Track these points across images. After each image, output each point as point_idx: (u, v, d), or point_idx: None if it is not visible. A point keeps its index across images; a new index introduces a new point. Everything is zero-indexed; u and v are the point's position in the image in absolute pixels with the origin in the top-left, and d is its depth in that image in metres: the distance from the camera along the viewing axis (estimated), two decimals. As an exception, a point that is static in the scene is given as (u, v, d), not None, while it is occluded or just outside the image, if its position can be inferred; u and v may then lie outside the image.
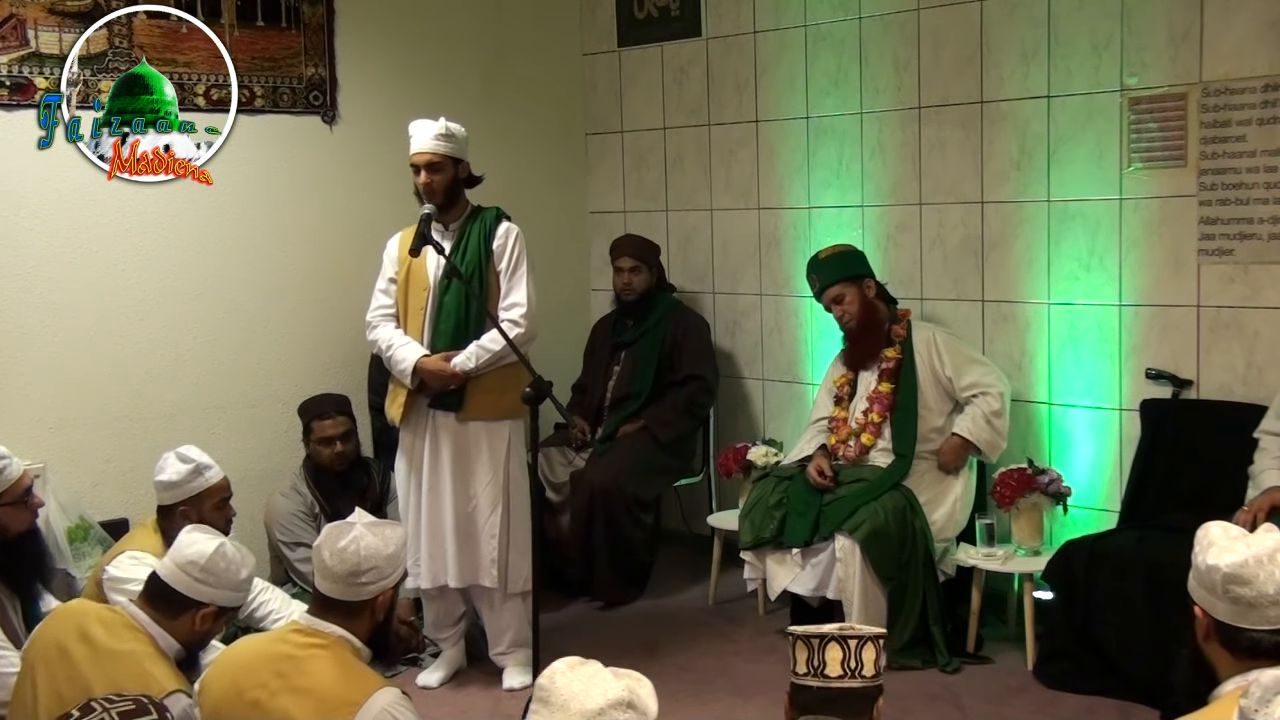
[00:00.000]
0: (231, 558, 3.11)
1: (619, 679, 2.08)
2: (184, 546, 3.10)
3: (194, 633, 3.09)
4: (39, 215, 5.04)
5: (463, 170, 4.57)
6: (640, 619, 5.39)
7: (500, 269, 4.56)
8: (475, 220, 4.60)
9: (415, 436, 4.61)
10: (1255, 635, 2.31)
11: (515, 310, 4.53)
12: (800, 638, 2.36)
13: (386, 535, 2.93)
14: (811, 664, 2.32)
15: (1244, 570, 2.31)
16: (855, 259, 5.06)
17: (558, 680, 2.06)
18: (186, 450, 4.05)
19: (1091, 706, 4.32)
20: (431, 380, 4.50)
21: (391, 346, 4.56)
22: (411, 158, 4.54)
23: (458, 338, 4.51)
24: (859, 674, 2.31)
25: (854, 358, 5.09)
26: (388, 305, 4.64)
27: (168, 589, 3.07)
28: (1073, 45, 4.88)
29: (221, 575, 3.08)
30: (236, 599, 3.18)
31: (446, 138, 4.51)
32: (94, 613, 3.10)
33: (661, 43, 6.29)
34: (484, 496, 4.56)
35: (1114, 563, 4.33)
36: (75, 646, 2.97)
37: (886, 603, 4.66)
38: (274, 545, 5.03)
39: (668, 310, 5.92)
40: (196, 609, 3.07)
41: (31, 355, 5.03)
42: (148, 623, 3.04)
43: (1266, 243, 4.48)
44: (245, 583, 3.18)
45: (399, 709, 2.73)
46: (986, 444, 4.86)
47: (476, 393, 4.50)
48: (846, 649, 2.31)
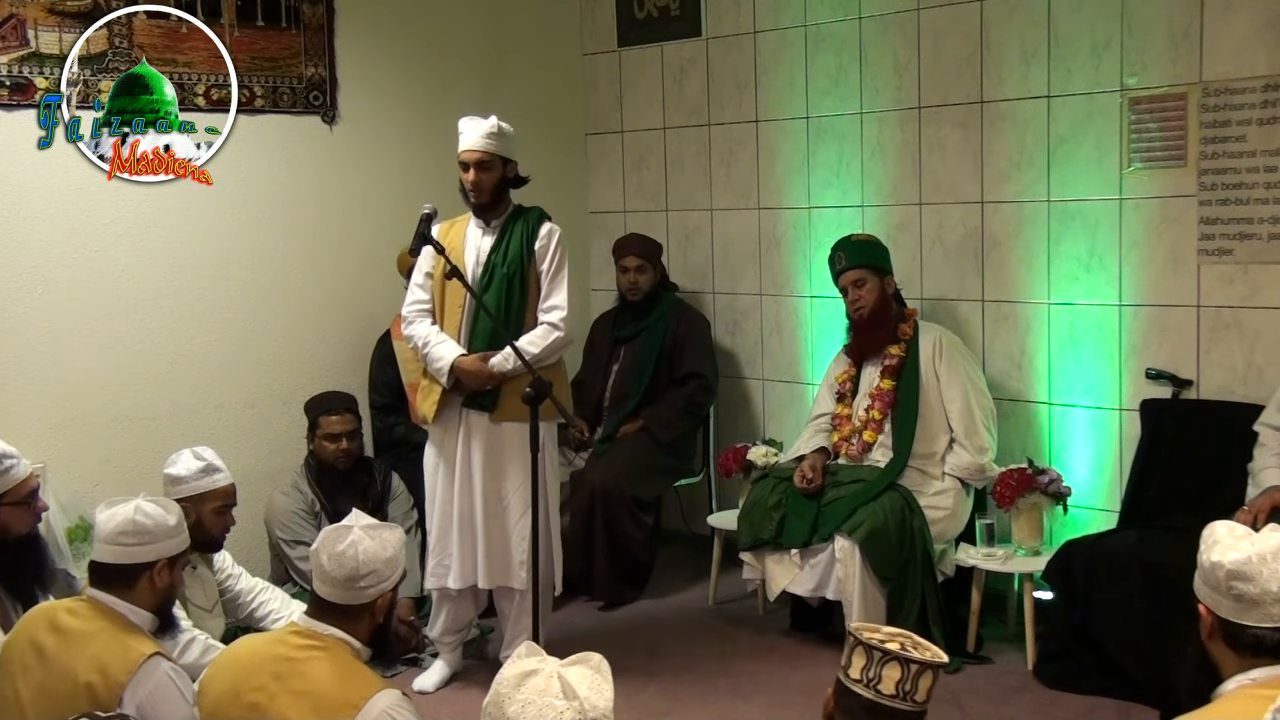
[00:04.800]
0: (152, 512, 3.14)
1: (567, 698, 2.01)
2: (104, 524, 3.14)
3: (156, 591, 3.13)
4: (39, 215, 5.03)
5: (510, 170, 4.56)
6: (640, 619, 5.39)
7: (542, 270, 4.55)
8: (518, 220, 4.58)
9: (447, 434, 4.58)
10: (1258, 632, 2.32)
11: (555, 313, 4.52)
12: (862, 643, 2.30)
13: (384, 538, 2.92)
14: (867, 674, 2.27)
15: (1248, 567, 2.33)
16: (885, 253, 5.06)
17: (508, 710, 2.01)
18: (202, 450, 4.07)
19: (1091, 706, 4.32)
20: (468, 380, 4.48)
21: (429, 344, 4.52)
22: (461, 154, 4.51)
23: (495, 337, 4.48)
24: (911, 699, 2.27)
25: (857, 349, 5.08)
26: (424, 301, 4.60)
27: (110, 567, 3.10)
28: (1073, 45, 4.88)
29: (154, 530, 3.12)
30: (178, 545, 3.20)
31: (497, 136, 4.49)
32: (61, 605, 3.14)
33: (661, 43, 6.29)
34: (515, 498, 4.54)
35: (1114, 563, 4.33)
36: (47, 639, 3.00)
37: (886, 603, 4.66)
38: (274, 543, 5.03)
39: (669, 308, 5.93)
40: (147, 570, 3.10)
41: (31, 355, 5.03)
42: (113, 601, 3.07)
43: (1266, 243, 4.48)
44: (179, 527, 3.20)
45: (399, 711, 2.72)
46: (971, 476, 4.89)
47: (510, 394, 4.44)
48: (906, 672, 2.26)
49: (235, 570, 4.27)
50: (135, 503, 3.15)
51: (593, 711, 2.02)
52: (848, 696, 2.31)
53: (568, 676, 2.05)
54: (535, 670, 2.06)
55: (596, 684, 2.07)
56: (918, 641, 2.35)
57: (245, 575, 4.31)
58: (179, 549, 3.20)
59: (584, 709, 2.01)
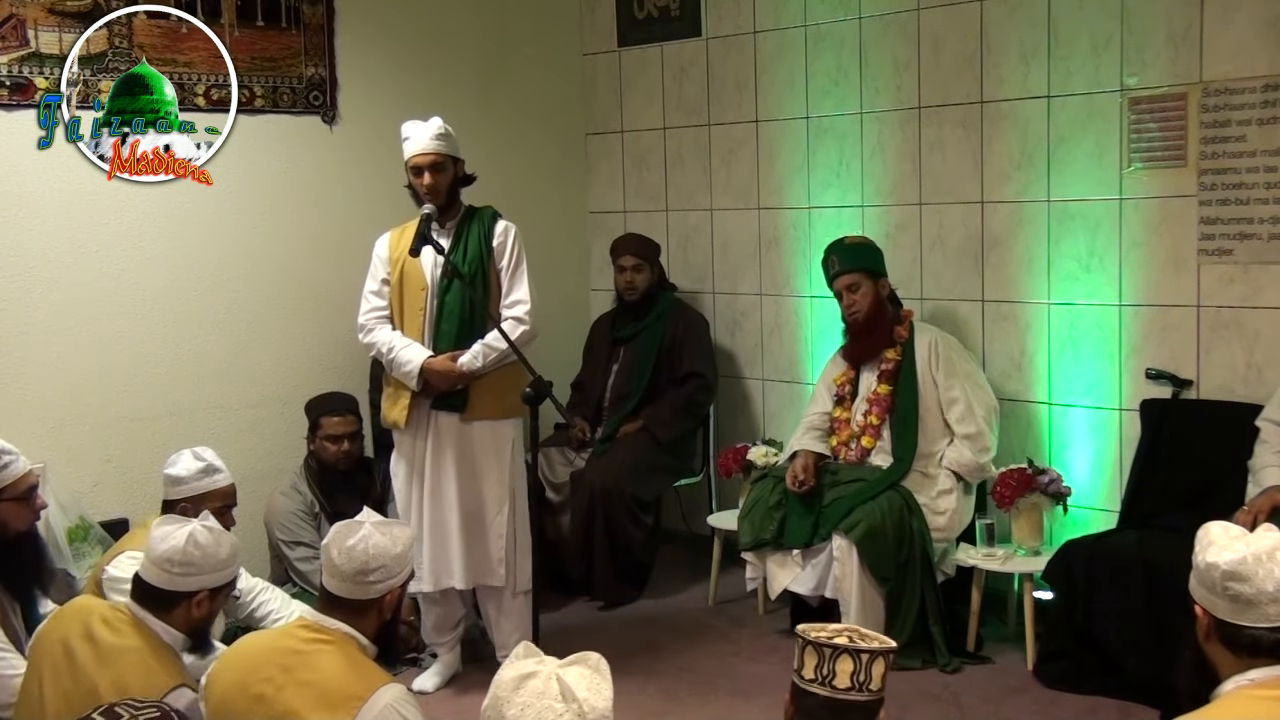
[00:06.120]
0: (205, 544, 3.08)
1: (565, 700, 2.01)
2: (157, 543, 3.08)
3: (193, 620, 3.10)
4: (39, 215, 5.04)
5: (460, 169, 4.57)
6: (640, 619, 5.39)
7: (501, 267, 4.56)
8: (472, 220, 4.59)
9: (416, 439, 4.58)
10: (1255, 633, 2.32)
11: (519, 308, 4.53)
12: (811, 643, 2.34)
13: (395, 535, 2.93)
14: (820, 672, 2.30)
15: (1243, 567, 2.32)
16: (878, 255, 5.06)
17: (507, 713, 2.01)
18: (203, 450, 4.06)
19: (1091, 706, 4.32)
20: (439, 381, 4.48)
21: (393, 349, 4.52)
22: (412, 159, 4.51)
23: (461, 337, 4.49)
24: (866, 688, 2.30)
25: (854, 353, 5.08)
26: (381, 307, 4.60)
27: (153, 589, 3.07)
28: (1073, 45, 4.88)
29: (201, 563, 3.07)
30: (225, 577, 3.15)
31: (445, 137, 4.50)
32: (98, 611, 3.10)
33: (661, 43, 6.29)
34: (490, 496, 4.55)
35: (1114, 563, 4.33)
36: (80, 645, 2.99)
37: (884, 603, 4.66)
38: (274, 544, 5.03)
39: (668, 308, 5.93)
40: (188, 599, 3.07)
41: (31, 355, 5.03)
42: (149, 618, 3.05)
43: (1266, 243, 4.48)
44: (229, 559, 3.15)
45: (404, 705, 2.74)
46: (969, 473, 4.88)
47: (480, 392, 4.49)
48: (858, 662, 2.30)
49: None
50: (191, 528, 3.09)
51: (592, 713, 2.02)
52: (805, 698, 2.34)
53: (566, 678, 2.05)
54: (533, 672, 2.06)
55: (596, 684, 2.07)
56: (864, 633, 2.39)
57: (245, 575, 4.30)
58: (224, 580, 3.16)
59: (583, 710, 2.02)
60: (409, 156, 4.52)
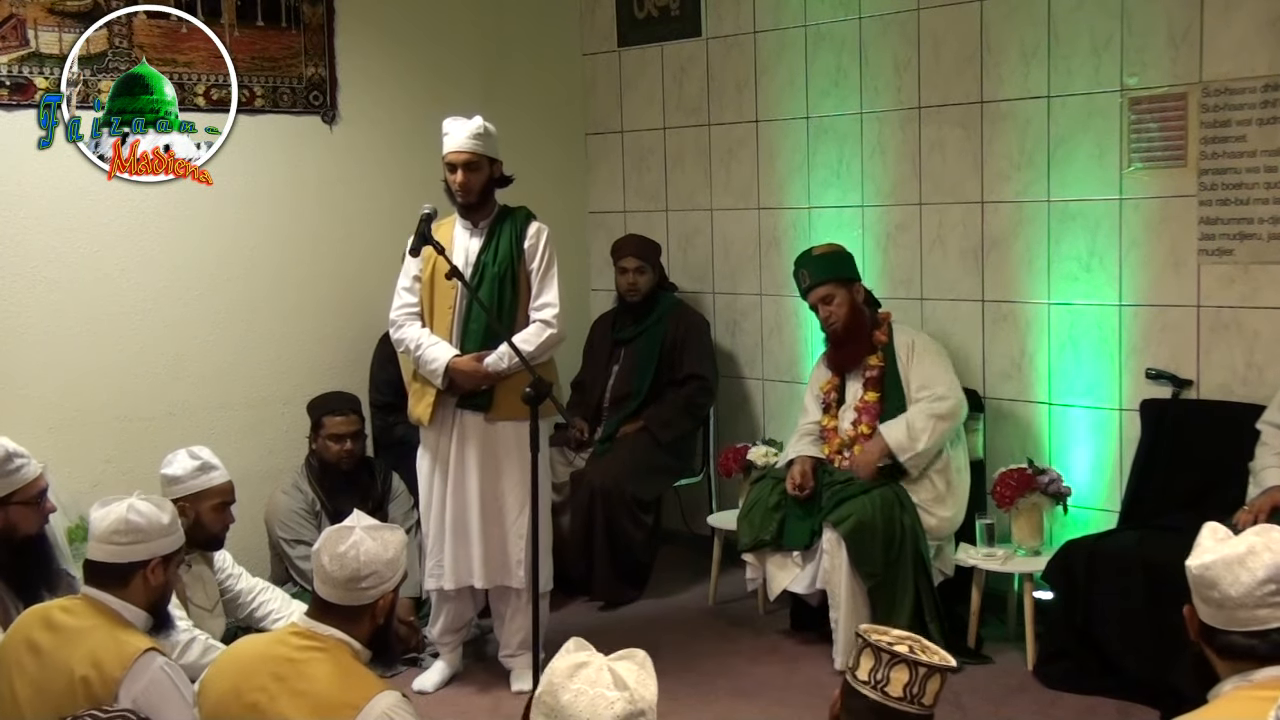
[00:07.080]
0: (146, 511, 3.12)
1: (618, 689, 2.05)
2: (97, 523, 3.12)
3: (150, 589, 3.12)
4: (39, 215, 5.04)
5: (496, 170, 4.56)
6: (640, 619, 5.39)
7: (531, 269, 4.55)
8: (505, 220, 4.58)
9: (440, 436, 4.58)
10: (1229, 638, 2.29)
11: (548, 310, 4.52)
12: (871, 645, 2.30)
13: (386, 539, 2.91)
14: (875, 676, 2.27)
15: (1208, 573, 2.29)
16: (848, 261, 5.04)
17: (562, 698, 2.05)
18: (198, 449, 4.07)
19: (1091, 706, 4.32)
20: (464, 380, 4.48)
21: (421, 346, 4.52)
22: (447, 156, 4.50)
23: (488, 337, 4.48)
24: (918, 701, 2.27)
25: (837, 361, 5.06)
26: (412, 303, 4.60)
27: (103, 565, 3.10)
28: (1073, 45, 4.88)
29: (147, 529, 3.11)
30: (173, 544, 3.19)
31: (484, 136, 4.48)
32: (55, 604, 3.14)
33: (661, 43, 6.29)
34: (512, 496, 4.55)
35: (1114, 563, 4.33)
36: (42, 636, 3.00)
37: (868, 598, 4.65)
38: (274, 543, 5.03)
39: (668, 309, 5.93)
40: (141, 568, 3.10)
41: (31, 356, 5.04)
42: (108, 599, 3.07)
43: (1266, 243, 4.48)
44: (173, 525, 3.19)
45: (399, 712, 2.72)
46: (897, 444, 4.74)
47: (505, 393, 4.46)
48: (914, 675, 2.27)
49: (236, 570, 4.28)
50: (129, 501, 3.14)
51: (641, 703, 2.06)
52: (854, 698, 2.31)
53: (618, 669, 2.09)
54: (586, 662, 2.11)
55: (642, 678, 2.11)
56: (926, 645, 2.34)
57: (246, 575, 4.32)
58: (173, 547, 3.20)
59: (634, 699, 2.05)
60: (445, 153, 4.51)
